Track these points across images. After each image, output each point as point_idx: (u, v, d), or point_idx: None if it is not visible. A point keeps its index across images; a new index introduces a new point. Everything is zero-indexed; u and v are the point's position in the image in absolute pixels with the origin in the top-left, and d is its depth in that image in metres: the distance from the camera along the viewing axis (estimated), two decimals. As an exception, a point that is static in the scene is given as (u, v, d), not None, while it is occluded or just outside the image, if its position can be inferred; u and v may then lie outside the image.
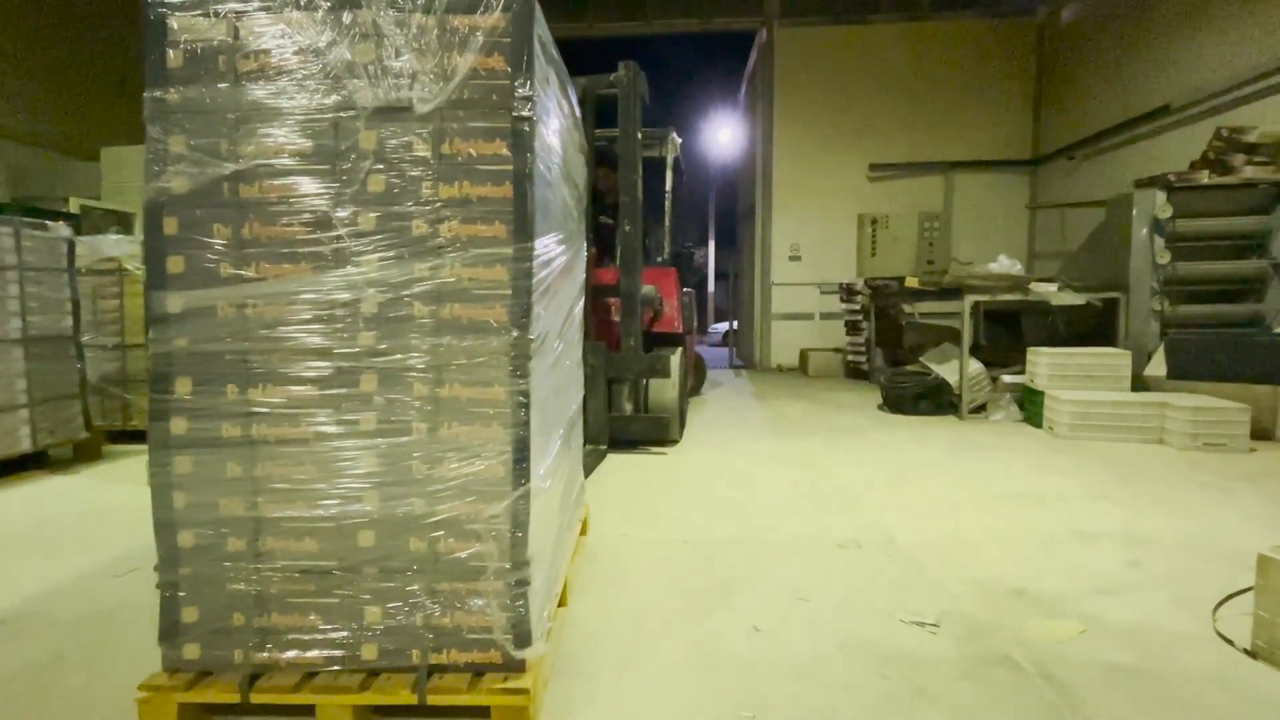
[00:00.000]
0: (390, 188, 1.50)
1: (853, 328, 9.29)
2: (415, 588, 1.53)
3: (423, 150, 1.49)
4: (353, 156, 1.49)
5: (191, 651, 1.54)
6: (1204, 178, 5.81)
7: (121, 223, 6.76)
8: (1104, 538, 2.87)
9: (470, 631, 1.53)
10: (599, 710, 1.68)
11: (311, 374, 1.52)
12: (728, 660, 1.90)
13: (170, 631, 1.54)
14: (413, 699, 1.48)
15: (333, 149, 1.49)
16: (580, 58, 4.44)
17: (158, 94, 1.48)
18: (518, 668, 1.54)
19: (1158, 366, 5.59)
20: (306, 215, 1.50)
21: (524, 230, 1.51)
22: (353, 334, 1.51)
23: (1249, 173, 5.67)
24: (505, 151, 1.49)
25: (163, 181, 1.48)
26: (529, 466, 1.54)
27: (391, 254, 1.50)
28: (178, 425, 1.52)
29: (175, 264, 1.50)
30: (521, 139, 1.50)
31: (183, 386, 1.52)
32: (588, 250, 3.83)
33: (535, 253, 1.55)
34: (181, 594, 1.54)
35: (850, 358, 9.35)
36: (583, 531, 2.79)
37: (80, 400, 4.52)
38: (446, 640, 1.53)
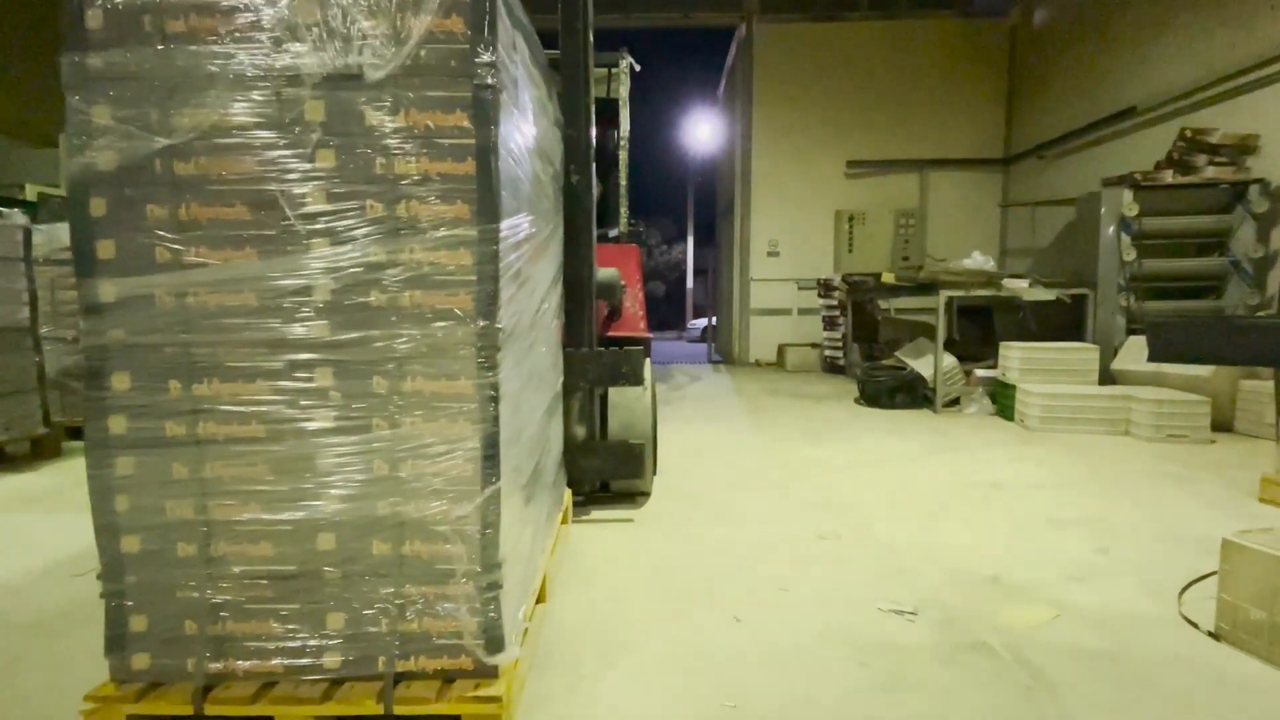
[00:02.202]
0: (341, 164, 1.37)
1: (830, 323, 9.39)
2: (380, 592, 1.44)
3: (376, 122, 1.36)
4: (298, 129, 1.36)
5: (141, 662, 1.44)
6: (1168, 177, 5.98)
7: (82, 212, 6.53)
8: (1074, 526, 2.94)
9: (439, 637, 1.45)
10: (580, 702, 1.66)
11: (261, 367, 1.40)
12: (709, 651, 1.90)
13: (118, 642, 1.44)
14: (378, 709, 1.40)
15: (277, 121, 1.36)
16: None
17: (76, 58, 1.33)
18: (490, 674, 1.46)
19: (1124, 360, 5.75)
20: (250, 194, 1.37)
21: (490, 210, 1.39)
22: (305, 324, 1.39)
23: (1211, 173, 5.84)
24: (467, 124, 1.37)
25: (87, 157, 1.34)
26: (499, 464, 1.45)
27: (344, 237, 1.38)
28: (117, 424, 1.40)
29: (105, 249, 1.37)
30: (485, 109, 1.37)
31: (120, 382, 1.39)
32: None
33: (503, 234, 1.44)
34: (128, 603, 1.43)
35: (827, 353, 9.45)
36: (564, 520, 2.73)
37: (38, 395, 4.35)
38: (414, 646, 1.45)
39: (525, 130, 1.77)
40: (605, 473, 3.08)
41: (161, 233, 1.38)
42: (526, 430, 1.84)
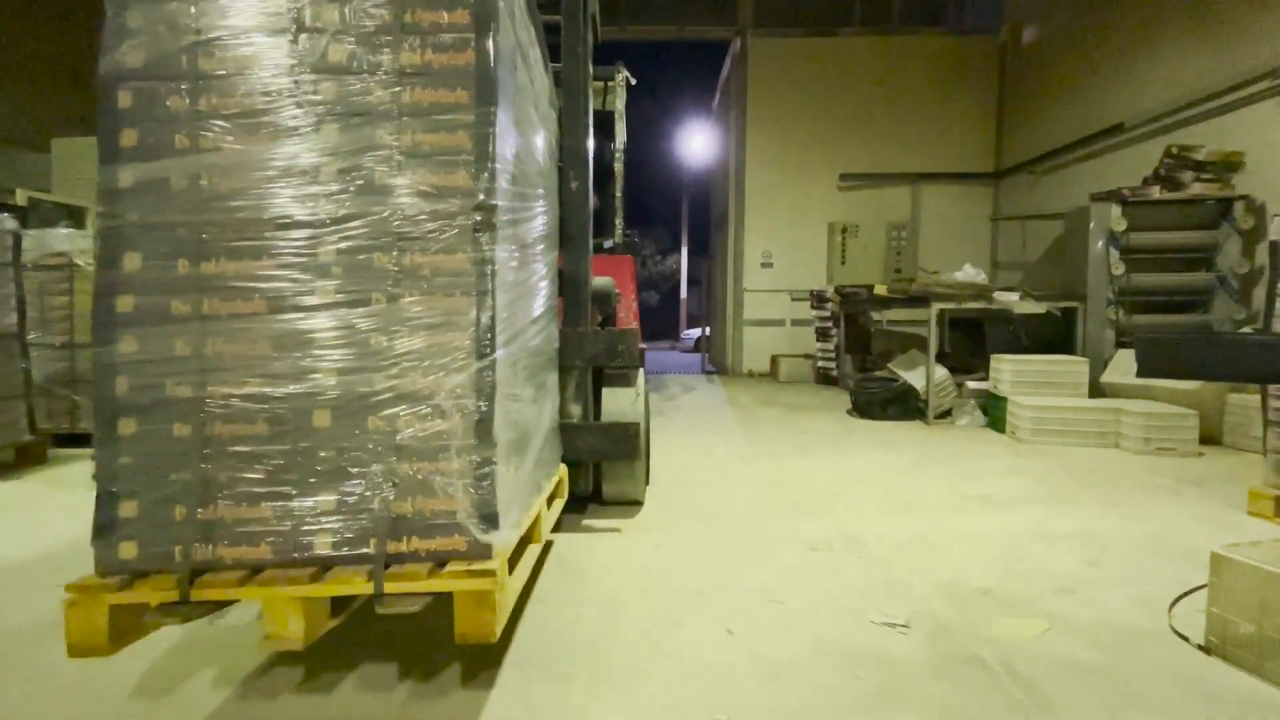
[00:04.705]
0: (351, 57, 1.50)
1: (823, 334, 9.43)
2: (374, 469, 1.45)
3: (385, 19, 1.50)
4: (316, 25, 1.49)
5: (128, 550, 1.42)
6: (1156, 193, 6.07)
7: (73, 216, 6.48)
8: (1065, 538, 2.95)
9: (433, 516, 1.46)
10: (570, 716, 1.64)
11: (267, 245, 1.48)
12: (702, 663, 1.89)
13: (106, 528, 1.42)
14: (368, 588, 1.40)
15: (294, 18, 1.49)
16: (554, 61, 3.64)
17: None
18: (484, 555, 1.46)
19: (1114, 373, 5.80)
20: (266, 84, 1.48)
21: (486, 96, 1.51)
22: (311, 202, 1.48)
23: (1197, 189, 5.94)
24: (468, 19, 1.51)
25: (120, 55, 1.46)
26: (495, 338, 1.50)
27: (351, 121, 1.49)
28: (124, 303, 1.45)
29: (129, 137, 1.46)
30: (484, 6, 1.52)
31: (131, 263, 1.46)
32: None
33: (498, 123, 1.54)
34: (119, 487, 1.43)
35: (820, 364, 9.49)
36: (558, 493, 2.65)
37: (25, 402, 4.30)
38: (407, 526, 1.46)
39: (521, 60, 1.90)
40: (600, 452, 3.09)
41: (181, 121, 1.48)
42: (520, 331, 1.86)
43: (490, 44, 1.52)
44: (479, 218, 1.50)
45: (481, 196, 1.51)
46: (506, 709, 1.66)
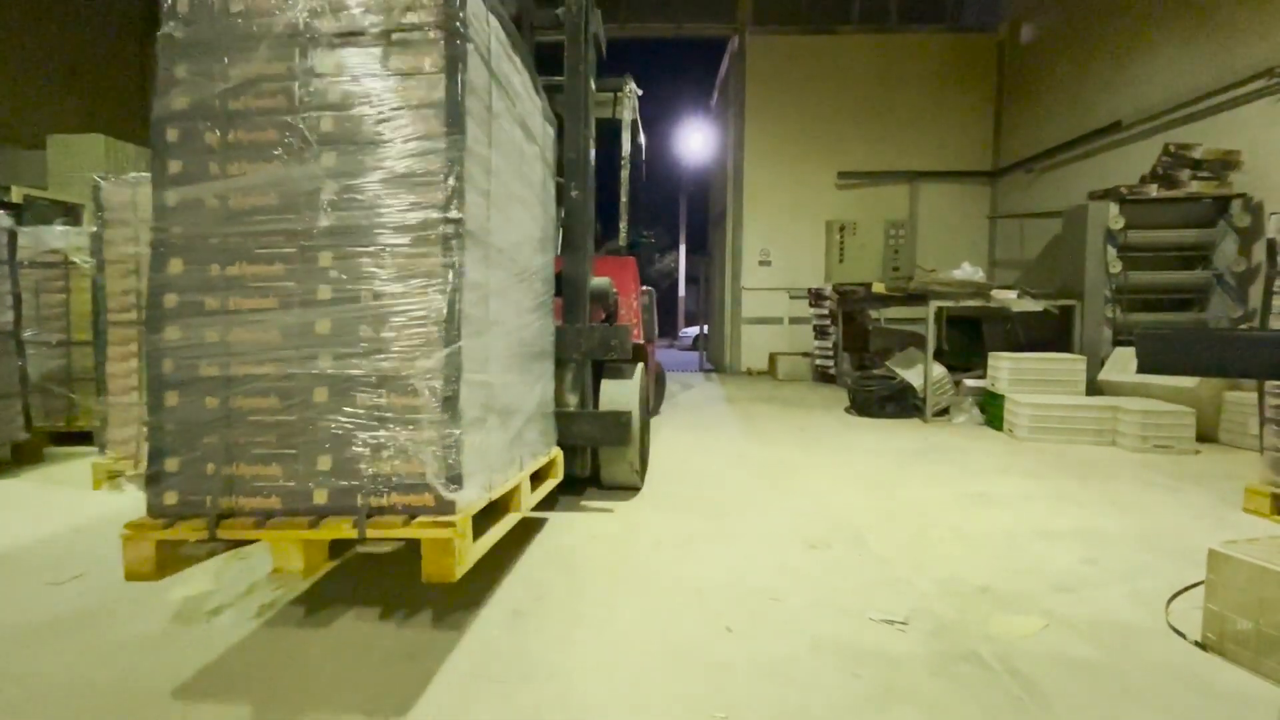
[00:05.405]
0: (346, 97, 1.79)
1: (821, 332, 9.44)
2: (360, 437, 1.73)
3: (373, 66, 1.79)
4: (318, 72, 1.79)
5: (170, 498, 1.74)
6: (1153, 191, 6.08)
7: (69, 214, 6.45)
8: (1063, 536, 2.96)
9: (408, 477, 1.73)
10: (570, 714, 1.65)
11: (279, 252, 1.77)
12: (700, 660, 1.89)
13: (155, 479, 1.74)
14: (353, 533, 1.70)
15: (302, 68, 1.79)
16: (553, 60, 3.58)
17: (168, 31, 1.80)
18: (448, 510, 1.72)
19: (1111, 371, 5.82)
20: (278, 121, 1.78)
21: (455, 125, 1.79)
22: (314, 217, 1.76)
23: (1194, 187, 5.95)
24: (441, 63, 1.80)
25: (168, 100, 1.79)
26: (461, 329, 1.77)
27: (346, 149, 1.77)
28: (170, 300, 1.78)
29: (175, 166, 1.80)
30: (454, 51, 1.79)
31: (175, 267, 1.78)
32: None
33: (468, 149, 1.81)
34: (164, 447, 1.75)
35: (818, 362, 9.50)
36: (550, 474, 2.81)
37: (21, 400, 4.28)
38: (386, 485, 1.73)
39: (498, 90, 2.13)
40: (594, 438, 3.29)
41: (214, 152, 1.79)
42: (499, 328, 2.14)
43: (459, 82, 1.78)
44: (448, 229, 1.76)
45: (452, 211, 1.77)
46: (505, 702, 1.67)
